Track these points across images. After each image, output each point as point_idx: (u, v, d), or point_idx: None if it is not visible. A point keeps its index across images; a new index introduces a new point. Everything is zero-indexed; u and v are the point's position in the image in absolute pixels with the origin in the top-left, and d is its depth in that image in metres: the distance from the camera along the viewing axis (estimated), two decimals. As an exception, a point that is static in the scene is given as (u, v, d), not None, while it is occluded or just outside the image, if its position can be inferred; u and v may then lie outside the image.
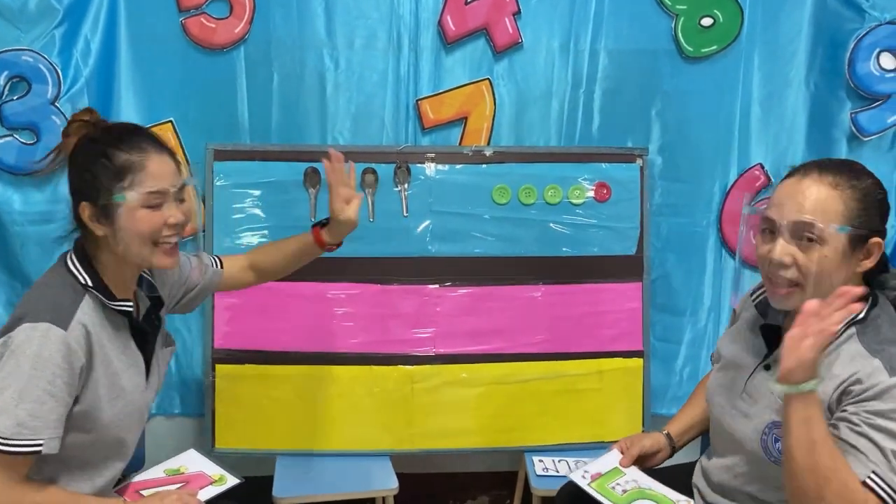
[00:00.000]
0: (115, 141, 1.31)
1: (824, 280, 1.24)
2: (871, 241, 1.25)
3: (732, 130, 2.28)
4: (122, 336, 1.39)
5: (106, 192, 1.29)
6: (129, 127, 1.38)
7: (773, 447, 1.30)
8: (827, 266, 1.23)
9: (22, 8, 2.00)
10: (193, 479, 1.60)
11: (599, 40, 2.22)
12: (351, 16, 2.16)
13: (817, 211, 1.23)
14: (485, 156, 2.18)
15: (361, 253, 2.15)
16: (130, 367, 1.40)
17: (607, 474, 1.57)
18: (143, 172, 1.30)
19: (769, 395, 1.33)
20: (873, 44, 2.17)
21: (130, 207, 1.29)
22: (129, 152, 1.30)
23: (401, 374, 2.17)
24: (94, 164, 1.30)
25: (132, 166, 1.29)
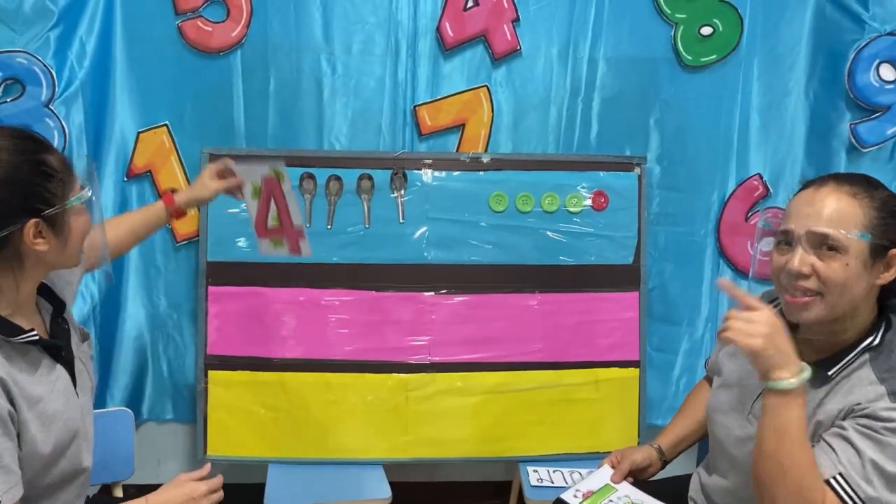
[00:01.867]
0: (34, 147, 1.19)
1: (846, 290, 1.20)
2: (891, 253, 1.21)
3: (731, 140, 2.27)
4: (37, 361, 1.25)
5: (57, 199, 1.18)
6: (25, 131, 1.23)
7: None
8: (849, 275, 1.20)
9: (17, 9, 1.99)
10: None
11: (598, 48, 2.21)
12: (349, 21, 2.15)
13: (837, 219, 1.20)
14: (482, 163, 2.17)
15: (356, 259, 2.14)
16: (55, 387, 1.28)
17: (599, 492, 1.55)
18: (73, 173, 1.23)
19: None
20: (873, 55, 2.16)
21: (78, 209, 1.23)
22: (53, 154, 1.20)
23: (395, 382, 2.15)
24: (34, 174, 1.17)
25: (66, 168, 1.21)
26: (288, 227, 1.87)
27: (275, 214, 1.86)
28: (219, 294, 2.12)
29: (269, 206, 1.86)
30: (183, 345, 2.25)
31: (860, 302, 1.23)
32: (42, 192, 1.17)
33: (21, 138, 1.19)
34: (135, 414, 1.99)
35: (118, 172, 2.15)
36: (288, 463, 2.12)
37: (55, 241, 1.20)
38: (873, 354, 1.23)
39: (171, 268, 2.22)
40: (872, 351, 1.23)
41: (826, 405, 1.23)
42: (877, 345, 1.23)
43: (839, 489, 1.13)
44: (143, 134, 2.14)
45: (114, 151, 2.15)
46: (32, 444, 1.22)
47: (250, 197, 1.81)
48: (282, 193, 1.83)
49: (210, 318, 2.12)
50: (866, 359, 1.23)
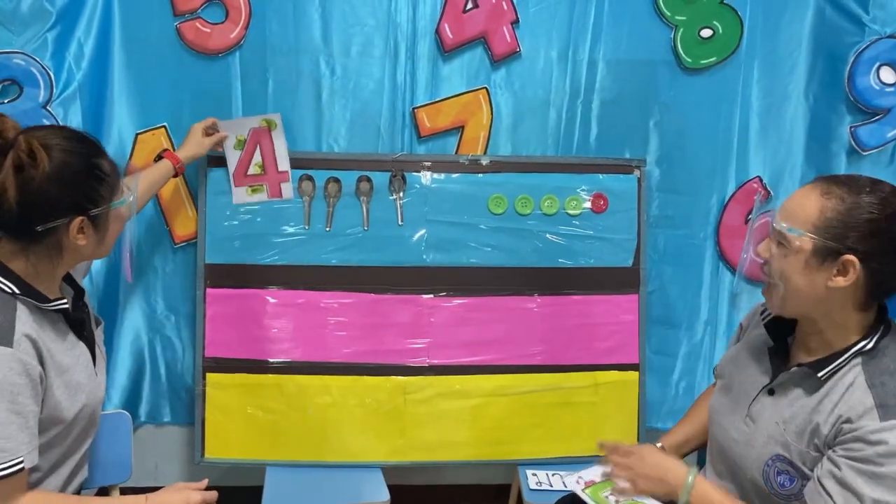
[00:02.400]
0: (93, 150, 1.33)
1: (789, 284, 1.24)
2: (844, 258, 1.19)
3: (731, 143, 2.27)
4: (64, 333, 1.36)
5: (102, 200, 1.31)
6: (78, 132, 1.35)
7: (775, 479, 1.28)
8: (786, 268, 1.24)
9: (14, 10, 1.98)
10: None
11: (598, 50, 2.20)
12: (347, 23, 2.14)
13: (791, 216, 1.23)
14: (481, 165, 2.16)
15: (355, 262, 2.13)
16: (79, 360, 1.39)
17: (601, 483, 1.55)
18: (119, 172, 1.37)
19: (773, 424, 1.30)
20: (873, 58, 2.16)
21: (118, 209, 1.36)
22: (106, 158, 1.34)
23: (394, 385, 2.15)
24: (88, 175, 1.30)
25: (115, 171, 1.35)
26: (273, 172, 2.09)
27: (258, 162, 2.09)
28: (217, 296, 2.11)
29: (252, 156, 2.09)
30: (181, 347, 2.24)
31: (825, 304, 1.23)
32: (92, 193, 1.30)
33: (78, 140, 1.31)
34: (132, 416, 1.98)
35: (116, 174, 2.14)
36: (286, 466, 2.11)
37: (95, 237, 1.33)
38: (866, 359, 1.23)
39: (169, 270, 2.21)
40: (865, 355, 1.23)
41: (820, 410, 1.23)
42: (870, 349, 1.23)
43: None
44: (142, 135, 2.14)
45: (112, 153, 2.01)
46: (56, 410, 1.31)
47: (232, 148, 2.08)
48: (271, 140, 2.08)
49: (208, 320, 2.11)
50: (859, 363, 1.23)
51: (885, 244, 1.18)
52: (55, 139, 1.27)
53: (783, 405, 1.30)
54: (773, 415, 1.30)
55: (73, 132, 1.33)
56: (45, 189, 1.24)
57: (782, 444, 1.27)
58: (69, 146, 1.28)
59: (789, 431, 1.27)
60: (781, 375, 1.32)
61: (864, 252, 1.18)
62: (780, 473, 1.27)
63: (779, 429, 1.28)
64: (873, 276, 1.19)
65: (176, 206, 2.17)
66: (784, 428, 1.27)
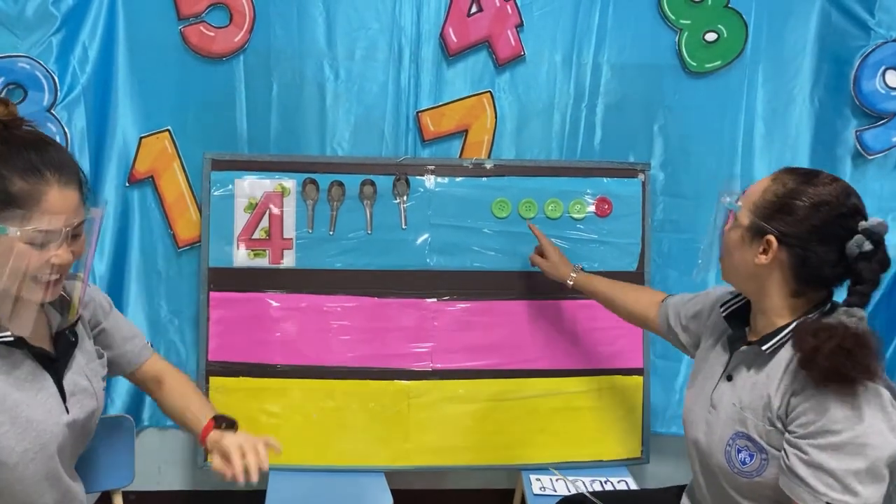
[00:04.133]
0: (13, 159, 1.12)
1: (730, 257, 1.35)
2: (767, 237, 1.26)
3: (736, 147, 2.26)
4: (17, 364, 1.22)
5: None
6: (37, 142, 1.16)
7: (737, 457, 1.31)
8: (729, 243, 1.35)
9: (19, 14, 1.98)
10: None
11: (602, 54, 2.20)
12: (352, 26, 2.14)
13: (745, 196, 1.33)
14: (485, 169, 2.16)
15: (359, 265, 2.13)
16: (37, 395, 1.24)
17: None
18: (36, 207, 1.12)
19: (731, 405, 1.34)
20: (879, 61, 2.15)
21: (10, 240, 1.12)
22: (26, 178, 1.12)
23: (397, 389, 2.14)
24: None
25: (25, 198, 1.12)
26: (277, 239, 2.09)
27: (265, 227, 2.09)
28: (220, 300, 2.11)
29: (260, 220, 2.09)
30: (184, 351, 2.24)
31: (757, 282, 1.31)
32: None
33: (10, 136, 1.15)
34: (135, 420, 1.97)
35: (120, 178, 2.15)
36: (289, 470, 2.10)
37: None
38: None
39: (172, 273, 2.21)
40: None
41: (769, 384, 1.28)
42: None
43: None
44: (146, 139, 2.14)
45: (116, 157, 2.14)
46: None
47: (242, 210, 2.08)
48: (282, 206, 2.07)
49: (211, 324, 2.11)
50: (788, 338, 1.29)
51: (808, 230, 1.24)
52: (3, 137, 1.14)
53: (739, 387, 1.34)
54: (731, 397, 1.34)
55: (28, 134, 1.18)
56: None
57: (740, 420, 1.31)
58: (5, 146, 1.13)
59: (746, 409, 1.31)
60: (734, 358, 1.37)
61: (785, 234, 1.25)
62: (741, 451, 1.30)
63: (736, 409, 1.32)
64: (797, 261, 1.25)
65: (180, 209, 2.17)
66: (741, 407, 1.31)
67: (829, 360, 1.15)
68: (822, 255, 1.23)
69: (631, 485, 2.09)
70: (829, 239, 1.23)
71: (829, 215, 1.23)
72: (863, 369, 1.15)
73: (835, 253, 1.23)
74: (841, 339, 1.16)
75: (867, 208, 2.29)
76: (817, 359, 1.17)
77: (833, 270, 1.25)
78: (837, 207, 1.23)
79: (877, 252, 1.22)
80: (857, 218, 1.24)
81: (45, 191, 1.13)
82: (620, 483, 2.09)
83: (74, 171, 1.19)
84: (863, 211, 1.26)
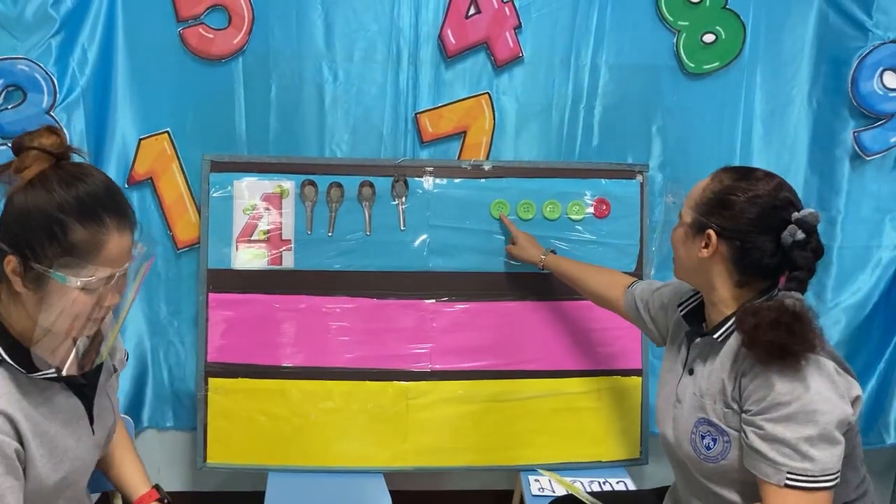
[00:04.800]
0: (76, 208, 1.11)
1: (676, 252, 1.43)
2: (707, 232, 1.34)
3: (734, 148, 2.26)
4: (54, 395, 1.23)
5: (45, 260, 1.10)
6: (96, 189, 1.14)
7: (701, 444, 1.36)
8: (675, 240, 1.43)
9: (18, 16, 1.98)
10: None
11: (600, 55, 2.20)
12: (350, 28, 2.14)
13: (689, 195, 1.41)
14: (483, 170, 2.16)
15: (357, 266, 2.13)
16: (70, 422, 1.25)
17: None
18: (97, 257, 1.12)
19: (693, 395, 1.40)
20: (877, 62, 2.15)
21: (66, 287, 1.11)
22: (87, 226, 1.11)
23: (396, 390, 2.14)
24: (44, 226, 1.10)
25: (87, 248, 1.11)
26: (276, 240, 2.09)
27: (264, 229, 2.09)
28: (220, 301, 2.11)
29: (259, 222, 2.09)
30: (183, 352, 2.25)
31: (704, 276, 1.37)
32: (36, 244, 1.10)
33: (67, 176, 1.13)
34: (135, 421, 1.99)
35: (119, 179, 2.15)
36: (288, 471, 2.10)
37: (32, 294, 1.13)
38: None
39: (171, 274, 2.22)
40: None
41: (723, 369, 1.34)
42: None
43: (797, 483, 1.22)
44: (145, 141, 2.14)
45: (115, 158, 2.14)
46: (37, 481, 1.19)
47: (241, 212, 2.08)
48: (280, 208, 2.07)
49: (211, 325, 2.11)
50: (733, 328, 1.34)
51: (745, 223, 1.31)
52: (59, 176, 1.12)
53: (699, 377, 1.40)
54: (692, 388, 1.41)
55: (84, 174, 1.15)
56: (7, 208, 1.11)
57: (700, 407, 1.37)
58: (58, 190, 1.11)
59: (705, 396, 1.36)
60: (692, 351, 1.43)
61: (723, 228, 1.32)
62: (704, 436, 1.36)
63: (696, 398, 1.39)
64: (737, 252, 1.32)
65: (179, 210, 2.18)
66: (700, 394, 1.38)
67: (770, 335, 1.22)
68: (759, 246, 1.30)
69: (629, 485, 2.10)
70: (765, 230, 1.30)
71: (764, 208, 1.30)
72: (802, 341, 1.21)
73: (771, 243, 1.30)
74: (778, 315, 1.22)
75: (865, 209, 2.32)
76: (758, 336, 1.23)
77: (771, 260, 1.31)
78: (771, 200, 1.30)
79: (809, 241, 1.28)
80: (791, 209, 1.30)
81: (105, 240, 1.13)
82: (619, 484, 2.10)
83: (128, 212, 1.18)
84: (796, 203, 1.32)
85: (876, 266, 2.30)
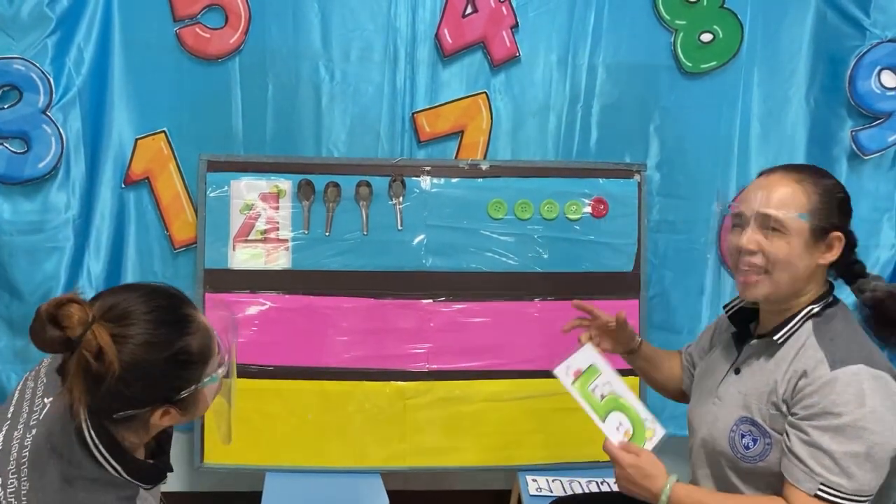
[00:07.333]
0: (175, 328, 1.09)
1: (789, 267, 1.30)
2: (832, 235, 1.30)
3: (732, 147, 2.26)
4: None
5: (189, 385, 1.11)
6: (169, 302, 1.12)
7: (740, 442, 1.33)
8: (791, 252, 1.30)
9: (14, 16, 1.98)
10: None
11: (598, 55, 2.20)
12: (347, 28, 2.14)
13: (782, 203, 1.30)
14: (481, 170, 2.16)
15: (355, 266, 2.13)
16: None
17: (587, 372, 1.55)
18: (213, 341, 1.15)
19: (736, 394, 1.37)
20: (874, 61, 2.15)
21: (212, 387, 1.16)
22: (188, 331, 1.10)
23: (393, 390, 2.14)
24: (171, 366, 1.08)
25: (207, 344, 1.13)
26: (273, 240, 2.08)
27: (261, 228, 2.08)
28: (216, 301, 2.11)
29: (256, 222, 2.09)
30: (180, 352, 2.24)
31: (806, 280, 1.32)
32: (175, 382, 1.10)
33: (162, 322, 1.08)
34: (131, 422, 1.97)
35: (116, 179, 2.15)
36: (285, 471, 2.10)
37: (183, 416, 1.14)
38: (816, 321, 1.32)
39: (168, 274, 2.21)
40: (815, 318, 1.32)
41: (777, 370, 1.31)
42: (818, 312, 1.32)
43: (828, 496, 1.19)
44: (141, 140, 2.14)
45: (111, 158, 2.14)
46: None
47: (238, 211, 2.08)
48: (277, 207, 2.07)
49: (207, 325, 2.11)
50: (810, 328, 1.31)
51: (850, 219, 1.34)
52: (134, 327, 1.05)
53: (745, 377, 1.37)
54: (737, 387, 1.38)
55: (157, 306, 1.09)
56: (118, 389, 1.03)
57: (744, 406, 1.34)
58: (148, 336, 1.06)
59: (750, 395, 1.34)
60: (744, 352, 1.40)
61: (843, 228, 1.32)
62: (744, 436, 1.33)
63: (740, 396, 1.36)
64: (846, 251, 1.32)
65: (176, 210, 2.17)
66: (745, 393, 1.35)
67: None
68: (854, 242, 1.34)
69: (627, 485, 2.09)
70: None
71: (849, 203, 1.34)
72: None
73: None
74: None
75: (863, 208, 2.33)
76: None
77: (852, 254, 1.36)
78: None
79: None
80: None
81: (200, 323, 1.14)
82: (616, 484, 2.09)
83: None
84: None
85: (874, 265, 2.30)
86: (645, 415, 1.48)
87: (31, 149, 2.03)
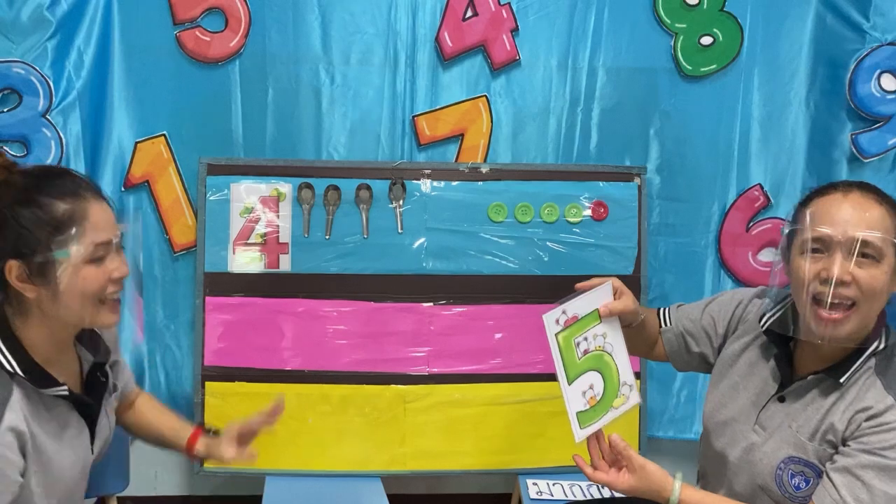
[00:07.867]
0: (48, 187, 1.14)
1: (879, 299, 1.18)
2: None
3: (732, 150, 2.26)
4: (62, 415, 1.23)
5: (43, 247, 1.11)
6: (57, 170, 1.20)
7: (790, 482, 1.26)
8: (878, 283, 1.16)
9: (14, 19, 1.98)
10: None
11: (598, 58, 2.20)
12: (347, 31, 2.14)
13: (876, 226, 1.16)
14: (481, 173, 2.16)
15: (355, 269, 2.13)
16: (71, 443, 1.25)
17: (583, 320, 1.36)
18: (86, 222, 1.14)
19: (786, 428, 1.28)
20: (874, 65, 2.15)
21: (73, 264, 1.13)
22: (67, 200, 1.14)
23: (393, 394, 2.14)
24: (25, 215, 1.11)
25: (73, 216, 1.13)
26: (273, 244, 2.09)
27: (261, 232, 2.08)
28: (216, 304, 2.11)
29: (256, 225, 2.09)
30: (180, 356, 2.23)
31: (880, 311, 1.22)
32: (25, 236, 1.12)
33: (25, 174, 1.16)
34: (131, 426, 1.96)
35: (116, 182, 2.14)
36: (285, 475, 2.10)
37: (45, 290, 1.14)
38: (878, 360, 1.23)
39: (168, 278, 2.21)
40: (878, 355, 1.23)
41: (835, 410, 1.23)
42: (882, 349, 1.23)
43: None
44: (141, 144, 2.14)
45: (111, 161, 2.14)
46: (28, 499, 1.18)
47: (238, 215, 2.08)
48: (278, 211, 2.07)
49: (207, 328, 2.11)
50: (871, 364, 1.22)
51: None
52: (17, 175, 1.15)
53: (796, 409, 1.28)
54: (786, 419, 1.28)
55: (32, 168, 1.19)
56: None
57: (795, 444, 1.26)
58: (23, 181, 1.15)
59: (803, 433, 1.25)
60: (796, 384, 1.29)
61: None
62: (795, 476, 1.25)
63: (791, 432, 1.27)
64: None
65: (175, 214, 2.17)
66: (797, 430, 1.26)
67: None
68: None
69: (628, 489, 2.08)
70: None
71: None
72: None
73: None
74: None
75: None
76: None
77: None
78: None
79: None
80: None
81: (87, 207, 1.16)
82: (617, 487, 2.09)
83: (95, 184, 1.22)
84: None
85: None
86: (626, 377, 1.36)
87: (31, 152, 2.02)
